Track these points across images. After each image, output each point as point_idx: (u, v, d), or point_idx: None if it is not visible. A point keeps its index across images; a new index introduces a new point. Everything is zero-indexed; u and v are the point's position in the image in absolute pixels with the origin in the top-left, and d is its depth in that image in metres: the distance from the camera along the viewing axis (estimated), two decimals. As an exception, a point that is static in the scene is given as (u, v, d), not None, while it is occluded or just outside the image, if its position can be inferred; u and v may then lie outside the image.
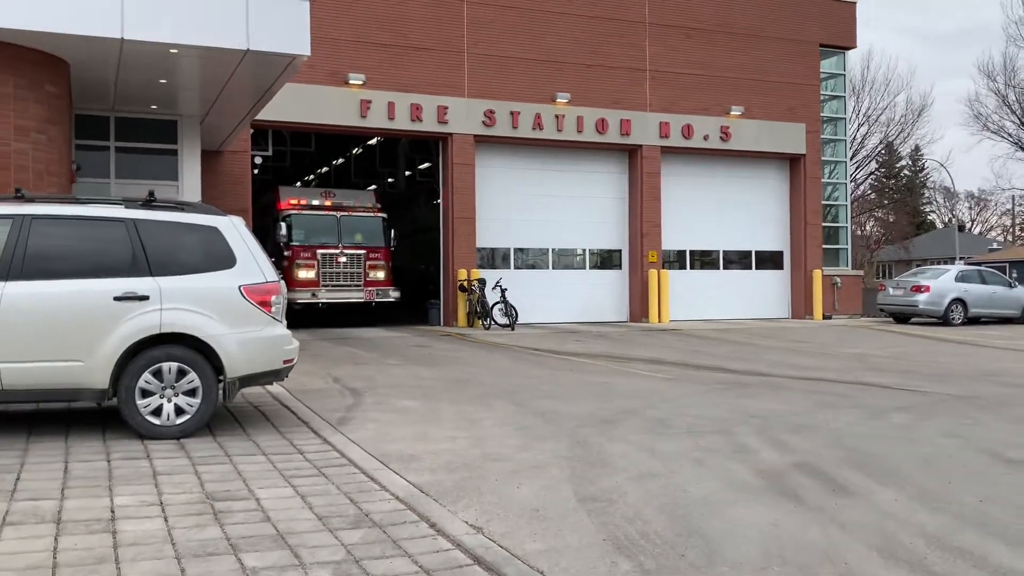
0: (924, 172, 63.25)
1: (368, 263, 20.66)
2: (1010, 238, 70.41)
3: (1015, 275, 34.15)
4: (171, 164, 14.49)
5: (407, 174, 28.62)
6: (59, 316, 6.75)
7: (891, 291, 25.15)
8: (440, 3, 21.32)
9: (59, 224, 6.96)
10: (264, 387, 9.04)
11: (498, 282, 20.89)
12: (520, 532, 4.87)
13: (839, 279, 26.71)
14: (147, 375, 6.89)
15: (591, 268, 24.19)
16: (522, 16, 22.14)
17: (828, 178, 27.40)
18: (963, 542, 4.73)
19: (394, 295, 20.93)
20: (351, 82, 20.26)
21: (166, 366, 6.94)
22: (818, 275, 25.69)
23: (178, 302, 6.97)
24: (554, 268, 23.62)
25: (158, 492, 5.45)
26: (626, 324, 23.13)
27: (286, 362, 7.48)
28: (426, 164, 24.08)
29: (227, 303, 7.13)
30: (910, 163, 61.74)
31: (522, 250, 23.20)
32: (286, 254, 19.95)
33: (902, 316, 24.94)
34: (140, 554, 4.32)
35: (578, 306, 23.45)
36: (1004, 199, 67.09)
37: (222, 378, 7.14)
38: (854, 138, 43.57)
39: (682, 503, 5.45)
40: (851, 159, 33.46)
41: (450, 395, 9.81)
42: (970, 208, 73.01)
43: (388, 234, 21.07)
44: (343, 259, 20.33)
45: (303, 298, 19.71)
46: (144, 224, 7.09)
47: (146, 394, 6.90)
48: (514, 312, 20.41)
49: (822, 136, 26.50)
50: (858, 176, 46.96)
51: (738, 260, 25.99)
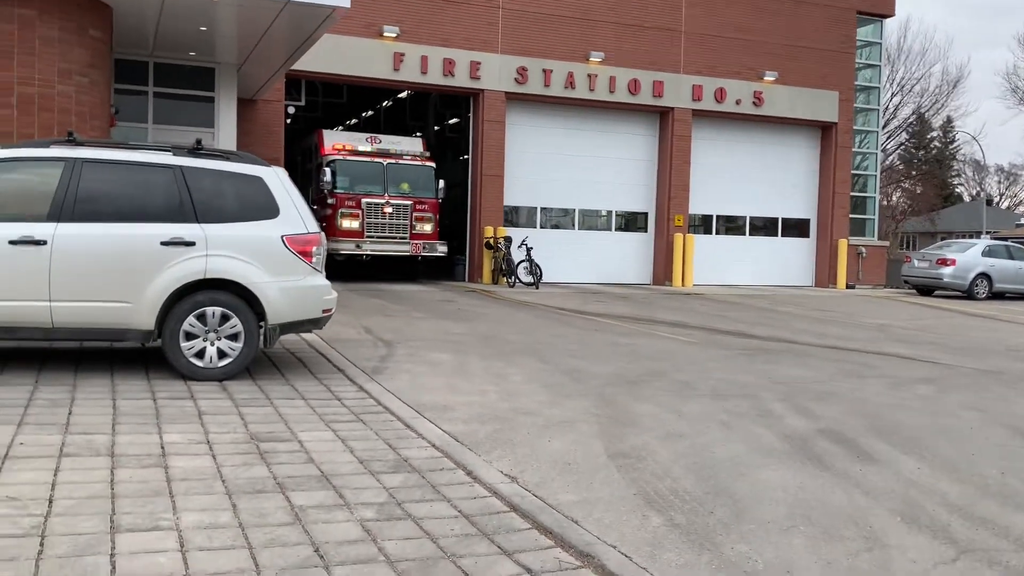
0: (955, 144, 62.41)
1: (415, 214, 19.66)
2: (1039, 214, 69.50)
3: (1043, 252, 33.82)
4: (208, 111, 14.62)
5: (436, 129, 28.63)
6: (108, 258, 6.95)
7: (916, 263, 25.06)
8: (476, -43, 21.15)
9: (109, 169, 7.13)
10: (299, 335, 9.26)
11: (524, 240, 21.00)
12: (553, 483, 5.05)
13: (864, 249, 26.62)
14: (191, 318, 7.10)
15: (616, 230, 24.23)
16: (558, -28, 21.92)
17: (858, 147, 27.17)
18: (985, 512, 4.87)
19: (441, 250, 20.07)
20: (385, 34, 20.24)
21: (210, 311, 7.14)
22: (843, 244, 25.61)
23: (223, 249, 7.15)
24: (579, 228, 23.68)
25: (204, 431, 5.66)
26: (649, 287, 23.22)
27: (325, 311, 7.67)
28: (455, 120, 24.02)
29: (270, 252, 7.30)
30: (941, 135, 60.89)
31: (548, 209, 23.26)
32: (330, 202, 19.05)
33: (926, 288, 24.87)
34: (192, 488, 4.53)
35: (602, 267, 23.54)
36: (1035, 174, 66.16)
37: (263, 324, 7.35)
38: (886, 108, 43.01)
39: (709, 463, 5.61)
40: (882, 129, 33.08)
41: (478, 350, 10.00)
42: (999, 182, 72.10)
43: (437, 184, 20.04)
44: (389, 209, 19.32)
45: (346, 249, 18.88)
46: (191, 171, 7.25)
47: (190, 337, 7.12)
48: (539, 271, 20.54)
49: (855, 105, 26.23)
50: (888, 146, 46.43)
51: (764, 227, 25.93)
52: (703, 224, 25.13)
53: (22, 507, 4.11)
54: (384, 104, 27.09)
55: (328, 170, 18.98)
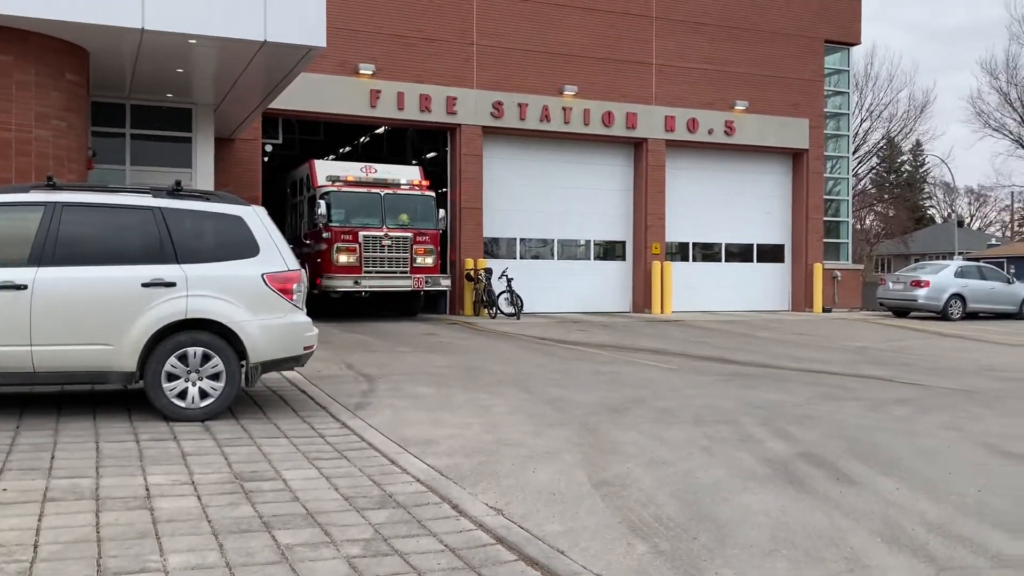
0: (925, 168, 63.43)
1: (416, 247, 18.62)
2: (1008, 234, 70.65)
3: (1013, 271, 34.38)
4: (185, 152, 14.68)
5: (414, 163, 28.79)
6: (89, 301, 6.97)
7: (891, 285, 25.39)
8: (450, -6, 21.45)
9: (89, 212, 7.16)
10: (280, 373, 9.27)
11: (504, 272, 21.10)
12: (539, 514, 5.09)
13: (839, 273, 26.94)
14: (173, 359, 7.12)
15: (595, 259, 24.41)
16: (531, 8, 22.30)
17: (830, 173, 27.59)
18: (963, 530, 4.96)
19: (445, 283, 19.24)
20: (361, 72, 20.43)
21: (192, 351, 7.16)
22: (819, 268, 25.91)
23: (203, 289, 7.18)
24: (559, 258, 23.84)
25: (189, 472, 5.67)
26: (629, 315, 23.35)
27: (306, 348, 7.70)
28: (432, 154, 24.23)
29: (251, 290, 7.34)
30: (911, 158, 61.90)
31: (527, 240, 23.41)
32: (325, 236, 18.02)
33: (901, 310, 25.18)
34: (178, 530, 4.54)
35: (582, 296, 23.68)
36: (1003, 195, 67.31)
37: (244, 363, 7.37)
38: (856, 133, 43.71)
39: (692, 489, 5.68)
40: (853, 154, 33.62)
41: (461, 382, 10.03)
42: (969, 204, 73.21)
43: (437, 214, 19.11)
44: (388, 242, 18.28)
45: (343, 286, 17.87)
46: (171, 212, 7.30)
47: (172, 377, 7.13)
48: (520, 301, 20.63)
49: (825, 131, 26.68)
50: (859, 171, 47.15)
51: (740, 253, 26.21)
52: (680, 252, 25.36)
53: (7, 553, 4.10)
54: (361, 140, 27.26)
55: (323, 203, 18.06)
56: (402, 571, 4.05)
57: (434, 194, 19.36)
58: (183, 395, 7.16)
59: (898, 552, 4.58)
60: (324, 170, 18.99)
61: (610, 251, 24.63)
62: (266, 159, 21.31)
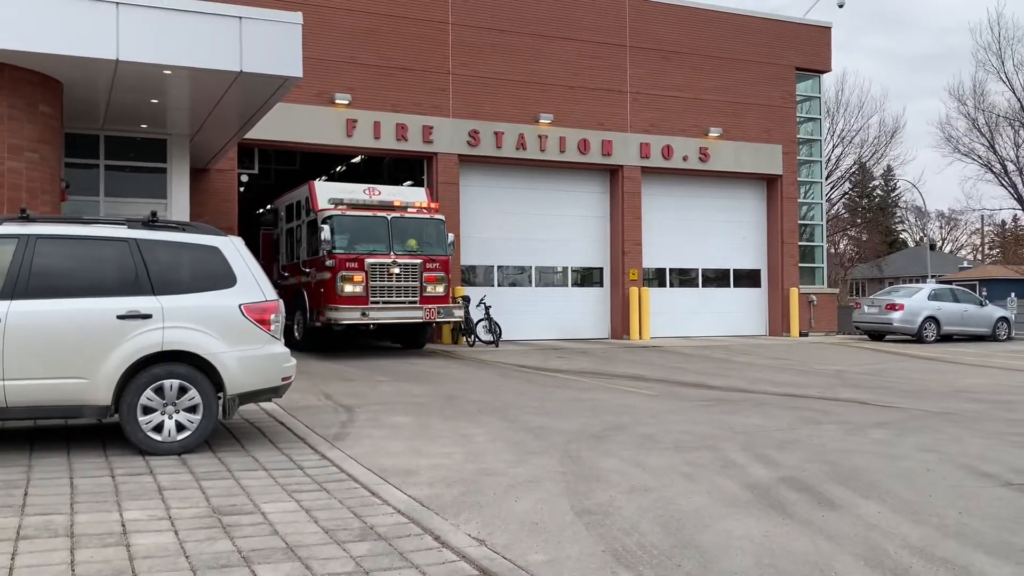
0: (896, 192, 64.32)
1: (426, 274, 17.20)
2: (979, 257, 71.67)
3: (985, 293, 34.84)
4: (160, 182, 14.60)
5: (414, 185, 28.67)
6: (63, 334, 6.88)
7: (866, 309, 25.62)
8: (425, 25, 21.61)
9: (63, 244, 7.09)
10: (258, 404, 9.18)
11: (482, 299, 21.07)
12: (522, 544, 5.05)
13: (815, 297, 27.15)
14: (149, 392, 7.03)
15: (573, 286, 24.45)
16: (505, 38, 22.48)
17: (804, 198, 27.89)
18: (946, 553, 4.97)
19: (458, 314, 17.98)
20: (337, 102, 20.47)
21: (168, 383, 7.08)
22: (795, 293, 26.10)
23: (180, 320, 7.11)
24: (536, 285, 23.85)
25: (166, 507, 5.57)
26: (607, 341, 23.38)
27: (284, 379, 7.64)
28: (409, 183, 24.26)
29: (228, 321, 7.28)
30: (882, 183, 62.74)
31: (504, 268, 23.42)
32: (328, 264, 16.52)
33: (877, 333, 25.41)
34: (155, 567, 4.46)
35: (560, 323, 23.68)
36: (974, 218, 68.34)
37: (222, 395, 7.29)
38: (828, 159, 44.30)
39: (675, 516, 5.65)
40: (826, 179, 34.05)
41: (441, 411, 9.97)
42: (941, 227, 74.27)
43: (446, 239, 17.84)
44: (396, 270, 16.83)
45: (349, 317, 16.34)
46: (146, 244, 7.24)
47: (148, 411, 7.03)
48: (498, 329, 20.59)
49: (798, 157, 27.01)
50: (832, 196, 47.72)
51: (716, 278, 26.36)
52: (657, 277, 25.47)
53: (-21, 594, 4.01)
54: (338, 169, 27.22)
55: (326, 227, 16.54)
56: (385, 605, 4.00)
57: (443, 217, 18.10)
58: (159, 428, 7.07)
59: (882, 576, 4.58)
60: (325, 192, 17.64)
61: (588, 277, 24.69)
62: (242, 189, 21.22)
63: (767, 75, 25.97)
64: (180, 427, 7.12)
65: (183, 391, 7.12)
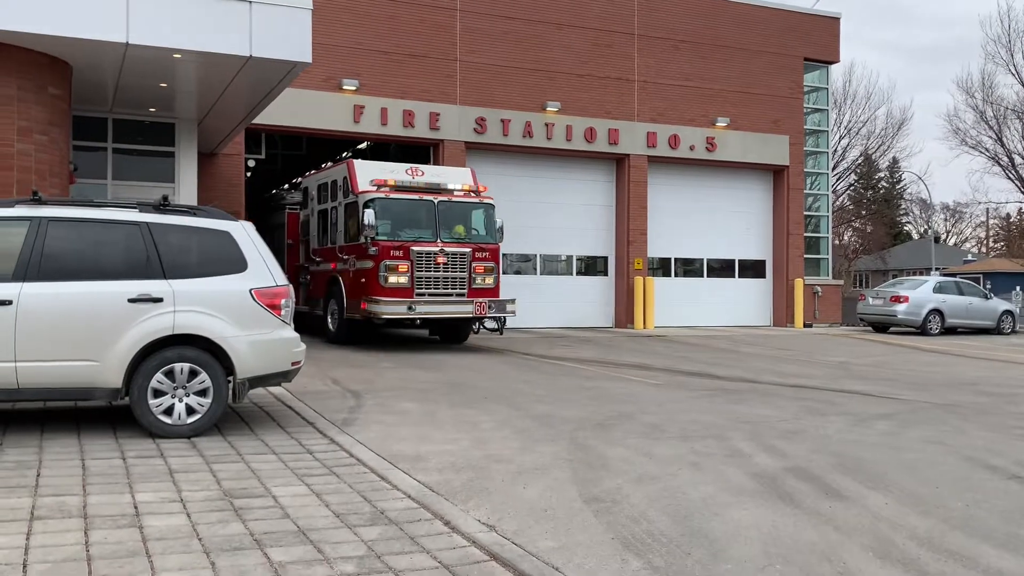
0: (902, 184, 64.16)
1: (474, 264, 15.86)
2: (984, 250, 71.56)
3: (989, 286, 34.79)
4: (168, 166, 14.60)
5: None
6: (75, 317, 6.91)
7: (870, 301, 25.62)
8: (433, 12, 21.56)
9: (75, 227, 7.11)
10: (267, 389, 9.22)
11: (487, 287, 21.01)
12: (531, 530, 5.08)
13: (819, 288, 27.15)
14: (159, 375, 7.07)
15: (577, 274, 24.47)
16: (513, 26, 22.42)
17: (810, 189, 27.84)
18: (953, 544, 5.00)
19: (511, 308, 16.23)
20: (345, 87, 20.45)
21: (178, 367, 7.11)
22: (799, 284, 26.10)
23: (191, 304, 7.14)
24: (541, 274, 23.87)
25: (177, 489, 5.61)
26: (612, 330, 23.40)
27: (294, 364, 7.67)
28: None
29: (238, 306, 7.30)
30: (888, 175, 62.58)
31: (509, 256, 23.40)
32: (371, 252, 15.08)
33: (881, 325, 25.41)
34: (169, 548, 4.49)
35: (565, 311, 23.71)
36: (979, 211, 68.19)
37: (232, 378, 7.32)
38: (835, 150, 44.18)
39: (683, 505, 5.69)
40: (832, 170, 34.01)
41: (447, 398, 10.01)
42: (945, 220, 74.10)
43: (495, 225, 16.42)
44: (443, 259, 15.47)
45: (394, 311, 14.98)
46: (158, 227, 7.27)
47: (158, 394, 7.07)
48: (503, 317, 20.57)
49: (805, 148, 26.95)
50: (838, 187, 47.63)
51: (721, 268, 26.36)
52: (662, 267, 25.47)
53: (-4, 573, 4.05)
54: (344, 155, 27.20)
55: (370, 211, 15.07)
56: (397, 588, 4.03)
57: (493, 201, 16.69)
58: (169, 411, 7.11)
59: (891, 566, 4.61)
60: (367, 172, 16.13)
61: (592, 266, 24.69)
62: (248, 174, 21.22)
63: (775, 65, 25.89)
64: (190, 410, 7.16)
65: (193, 374, 7.15)
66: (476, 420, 8.61)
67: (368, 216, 15.01)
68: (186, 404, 7.15)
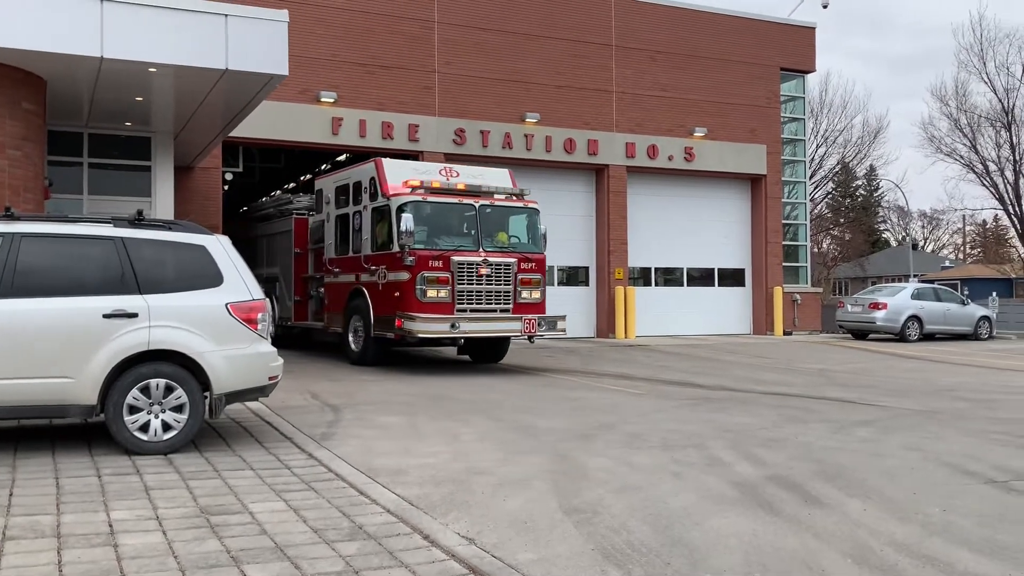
0: (879, 192, 64.77)
1: (520, 277, 14.36)
2: (961, 256, 72.31)
3: (967, 292, 35.14)
4: (144, 180, 14.49)
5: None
6: (49, 333, 6.82)
7: (849, 308, 25.80)
8: (410, 23, 21.58)
9: (48, 242, 7.03)
10: (244, 404, 9.14)
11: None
12: (511, 543, 5.05)
13: (799, 296, 27.29)
14: (135, 391, 6.99)
15: (559, 284, 24.43)
16: (492, 37, 22.48)
17: (788, 198, 28.03)
18: (930, 549, 5.02)
19: (561, 327, 14.68)
20: (323, 100, 20.41)
21: (154, 382, 7.04)
22: (779, 292, 26.24)
23: (166, 319, 7.08)
24: (522, 285, 23.81)
25: (153, 506, 5.55)
26: (593, 340, 23.42)
27: (271, 378, 7.61)
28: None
29: (214, 320, 7.24)
30: (865, 183, 63.13)
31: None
32: (407, 262, 13.48)
33: (860, 332, 25.58)
34: (144, 567, 4.43)
35: (546, 322, 23.65)
36: (955, 218, 68.94)
37: (208, 394, 7.26)
38: (812, 159, 44.53)
39: (664, 514, 5.68)
40: (809, 179, 34.30)
41: (429, 411, 9.97)
42: (923, 227, 74.85)
43: (540, 233, 15.04)
44: (485, 270, 13.96)
45: (436, 330, 13.40)
46: (132, 242, 7.20)
47: (134, 410, 6.99)
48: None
49: (782, 157, 27.15)
50: (816, 195, 47.98)
51: (701, 277, 26.46)
52: (642, 276, 25.54)
53: (-34, 595, 3.98)
54: (323, 167, 27.13)
55: (408, 216, 13.42)
56: (375, 604, 3.99)
57: (538, 206, 15.23)
58: (145, 428, 7.03)
59: (869, 573, 4.62)
60: (397, 172, 14.59)
61: (573, 276, 24.72)
62: (226, 188, 21.09)
63: (752, 75, 26.09)
64: (166, 427, 7.09)
65: (169, 390, 7.08)
66: (457, 432, 8.57)
67: (406, 222, 13.34)
68: (162, 420, 7.07)
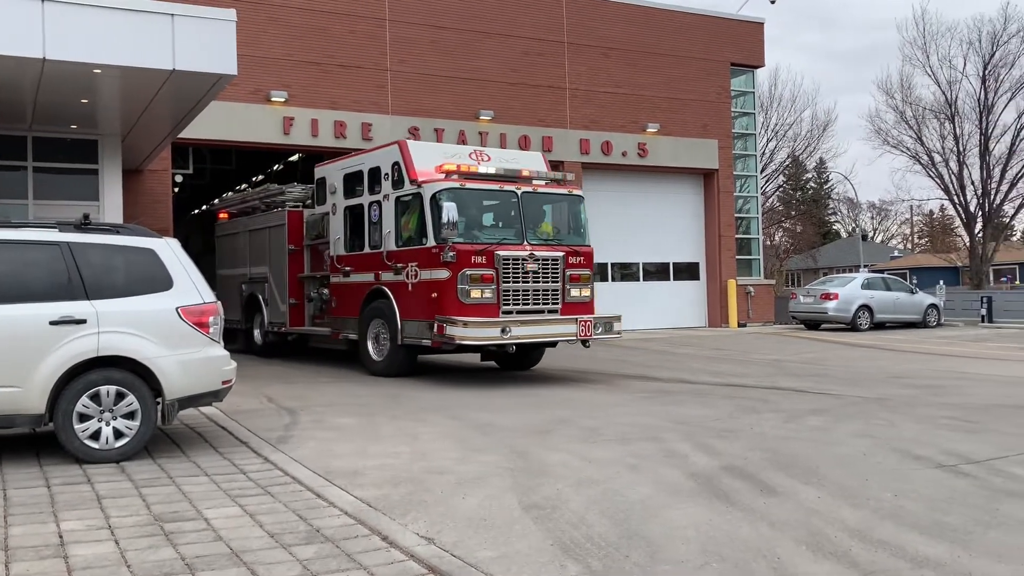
0: (829, 184, 65.84)
1: (569, 272, 12.88)
2: (909, 246, 73.86)
3: (915, 281, 35.90)
4: (91, 184, 14.16)
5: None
6: (-7, 342, 6.66)
7: (802, 299, 26.21)
8: (363, 21, 21.42)
9: (-9, 249, 6.87)
10: (199, 409, 9.01)
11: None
12: (470, 541, 5.05)
13: (752, 288, 27.64)
14: (85, 399, 6.85)
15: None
16: (444, 35, 22.41)
17: (740, 192, 28.37)
18: (882, 534, 5.12)
19: (617, 328, 13.28)
20: (273, 99, 20.17)
21: (104, 389, 6.91)
22: (732, 285, 26.55)
23: (115, 325, 6.95)
24: (479, 283, 23.77)
25: (105, 516, 5.45)
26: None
27: (225, 383, 7.52)
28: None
29: (165, 325, 7.13)
30: (815, 176, 64.14)
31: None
32: (447, 257, 11.90)
33: (813, 323, 26.00)
34: (96, 577, 4.36)
35: (503, 320, 23.66)
36: (903, 209, 70.36)
37: (160, 400, 7.15)
38: (763, 152, 45.10)
39: (622, 507, 5.72)
40: (761, 173, 34.76)
41: (386, 411, 9.92)
42: (872, 218, 76.31)
43: (585, 224, 13.62)
44: (532, 266, 12.37)
45: (486, 336, 11.81)
46: (79, 247, 7.06)
47: (84, 418, 6.86)
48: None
49: (733, 151, 27.46)
50: (767, 189, 48.61)
51: (657, 272, 26.68)
52: (599, 272, 25.57)
53: (-91, 613, 3.87)
54: (275, 168, 26.85)
55: (449, 206, 11.77)
56: (334, 607, 3.97)
57: (583, 194, 13.76)
58: (96, 436, 6.90)
59: (823, 559, 4.70)
60: (426, 155, 13.03)
61: (530, 273, 24.72)
62: (176, 190, 20.74)
63: (703, 71, 26.35)
64: (118, 434, 6.96)
65: (120, 397, 6.96)
66: (415, 432, 8.54)
67: (449, 211, 11.67)
68: (113, 428, 6.94)
